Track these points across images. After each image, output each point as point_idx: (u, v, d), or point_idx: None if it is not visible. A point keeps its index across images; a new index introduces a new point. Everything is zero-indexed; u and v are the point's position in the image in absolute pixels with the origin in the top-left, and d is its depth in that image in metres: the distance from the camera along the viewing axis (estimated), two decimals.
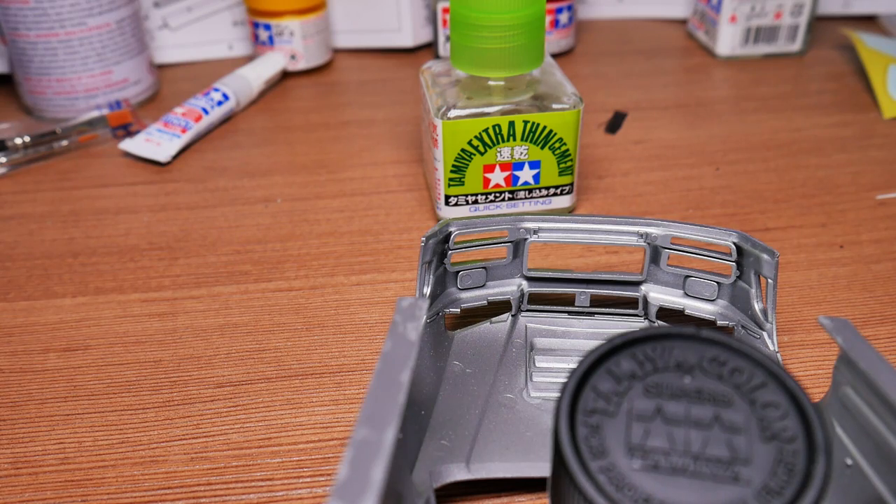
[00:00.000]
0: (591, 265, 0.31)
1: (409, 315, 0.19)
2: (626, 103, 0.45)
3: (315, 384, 0.26)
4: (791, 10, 0.50)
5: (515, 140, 0.31)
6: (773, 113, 0.44)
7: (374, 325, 0.28)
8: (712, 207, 0.35)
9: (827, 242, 0.32)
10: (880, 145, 0.40)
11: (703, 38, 0.53)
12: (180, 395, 0.25)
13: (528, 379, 0.25)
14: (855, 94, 0.46)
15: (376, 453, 0.14)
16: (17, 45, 0.42)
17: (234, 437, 0.24)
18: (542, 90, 0.31)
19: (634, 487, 0.15)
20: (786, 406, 0.16)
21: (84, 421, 0.25)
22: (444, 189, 0.32)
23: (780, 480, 0.15)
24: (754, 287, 0.25)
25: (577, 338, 0.26)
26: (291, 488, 0.22)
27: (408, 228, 0.34)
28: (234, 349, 0.27)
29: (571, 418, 0.16)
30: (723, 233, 0.25)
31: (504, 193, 0.33)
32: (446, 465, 0.21)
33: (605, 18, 0.58)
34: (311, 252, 0.32)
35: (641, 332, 0.17)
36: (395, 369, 0.17)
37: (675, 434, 0.15)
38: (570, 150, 0.32)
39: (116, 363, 0.27)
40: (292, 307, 0.29)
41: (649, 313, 0.27)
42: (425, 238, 0.25)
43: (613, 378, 0.16)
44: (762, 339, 0.25)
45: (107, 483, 0.23)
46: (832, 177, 0.37)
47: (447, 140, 0.31)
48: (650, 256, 0.26)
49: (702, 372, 0.16)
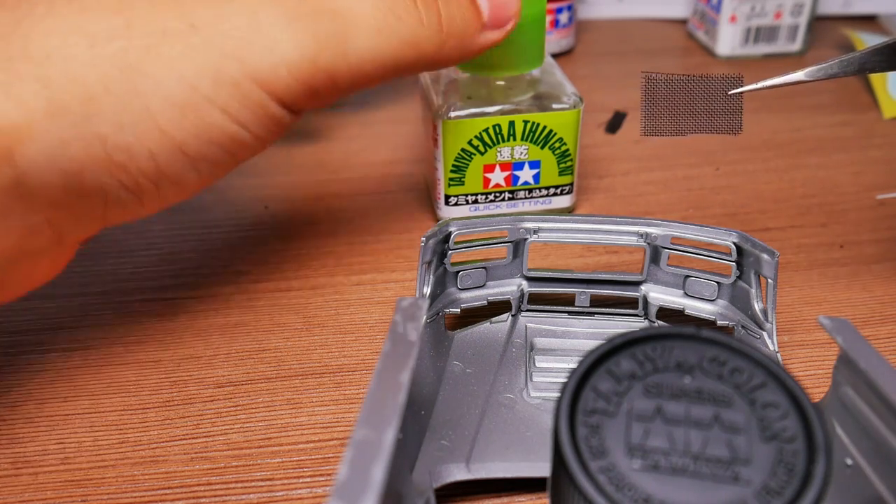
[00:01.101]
0: (591, 265, 0.31)
1: (409, 315, 0.19)
2: (626, 103, 0.45)
3: (315, 384, 0.26)
4: (791, 10, 0.50)
5: (515, 140, 0.31)
6: (773, 113, 0.44)
7: (374, 325, 0.28)
8: (712, 207, 0.35)
9: (827, 242, 0.32)
10: (880, 145, 0.40)
11: (703, 38, 0.53)
12: (180, 395, 0.25)
13: (528, 379, 0.25)
14: (855, 94, 0.46)
15: (376, 453, 0.14)
16: None
17: (234, 437, 0.24)
18: (542, 90, 0.31)
19: (634, 487, 0.15)
20: (786, 406, 0.16)
21: (84, 421, 0.25)
22: (445, 189, 0.32)
23: (780, 480, 0.15)
24: (754, 287, 0.25)
25: (577, 338, 0.26)
26: (291, 488, 0.22)
27: (408, 228, 0.34)
28: (234, 349, 0.27)
29: (571, 418, 0.16)
30: (723, 233, 0.25)
31: (504, 193, 0.33)
32: (446, 465, 0.21)
33: (605, 18, 0.58)
34: (311, 252, 0.32)
35: (641, 332, 0.17)
36: (395, 369, 0.17)
37: (675, 434, 0.15)
38: (571, 149, 0.32)
39: (116, 363, 0.27)
40: (292, 307, 0.29)
41: (649, 313, 0.27)
42: (425, 238, 0.25)
43: (613, 378, 0.16)
44: (762, 339, 0.25)
45: (107, 483, 0.23)
46: (832, 177, 0.37)
47: (447, 140, 0.31)
48: (650, 256, 0.26)
49: (702, 372, 0.16)
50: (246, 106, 0.21)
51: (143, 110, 0.20)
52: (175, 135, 0.21)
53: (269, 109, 0.22)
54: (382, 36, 0.23)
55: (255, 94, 0.21)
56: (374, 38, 0.23)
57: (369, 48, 0.23)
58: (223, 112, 0.21)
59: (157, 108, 0.20)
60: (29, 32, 0.19)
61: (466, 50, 0.26)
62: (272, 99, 0.22)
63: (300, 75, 0.22)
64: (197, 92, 0.20)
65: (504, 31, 0.26)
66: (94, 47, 0.20)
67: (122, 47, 0.20)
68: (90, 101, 0.20)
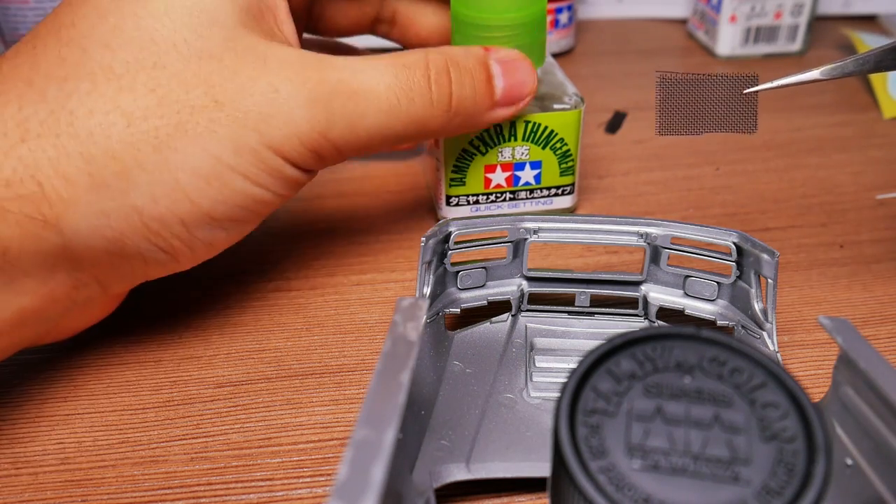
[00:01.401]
0: (591, 265, 0.31)
1: (409, 315, 0.19)
2: (626, 103, 0.45)
3: (315, 384, 0.26)
4: (791, 9, 0.50)
5: (517, 140, 0.31)
6: (773, 113, 0.44)
7: (374, 325, 0.28)
8: (712, 207, 0.35)
9: (827, 242, 0.32)
10: (880, 145, 0.40)
11: (703, 38, 0.53)
12: (180, 395, 0.25)
13: (528, 379, 0.25)
14: (855, 94, 0.46)
15: (376, 453, 0.14)
16: None
17: (234, 437, 0.24)
18: (543, 90, 0.31)
19: (634, 487, 0.15)
20: (786, 406, 0.16)
21: (84, 421, 0.25)
22: (446, 189, 0.32)
23: (780, 480, 0.15)
24: (754, 287, 0.25)
25: (577, 338, 0.26)
26: (291, 488, 0.22)
27: (408, 228, 0.34)
28: (234, 349, 0.27)
29: (571, 418, 0.16)
30: (723, 233, 0.25)
31: (505, 193, 0.33)
32: (446, 465, 0.21)
33: (605, 18, 0.58)
34: (311, 252, 0.32)
35: (641, 332, 0.17)
36: (395, 369, 0.17)
37: (675, 434, 0.15)
38: (572, 150, 0.32)
39: (116, 363, 0.27)
40: (292, 307, 0.29)
41: (649, 313, 0.27)
42: (425, 238, 0.25)
43: (613, 378, 0.16)
44: (762, 339, 0.25)
45: (107, 483, 0.23)
46: (832, 176, 0.37)
47: (448, 140, 0.31)
48: (650, 256, 0.26)
49: (702, 372, 0.16)
50: (264, 170, 0.23)
51: (174, 183, 0.22)
52: (202, 203, 0.23)
53: (285, 172, 0.24)
54: (392, 115, 0.25)
55: (272, 160, 0.23)
56: (384, 117, 0.25)
57: (377, 126, 0.25)
58: (244, 178, 0.23)
59: (186, 180, 0.22)
60: (75, 110, 0.21)
61: (473, 125, 0.28)
62: (288, 163, 0.24)
63: (311, 145, 0.24)
64: (221, 162, 0.23)
65: (516, 108, 0.28)
66: (131, 126, 0.22)
67: (155, 126, 0.22)
68: (127, 177, 0.22)
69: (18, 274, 0.21)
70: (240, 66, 0.23)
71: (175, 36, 0.22)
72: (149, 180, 0.22)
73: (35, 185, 0.21)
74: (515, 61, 0.28)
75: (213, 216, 0.23)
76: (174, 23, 0.22)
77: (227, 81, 0.23)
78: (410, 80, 0.25)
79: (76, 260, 0.22)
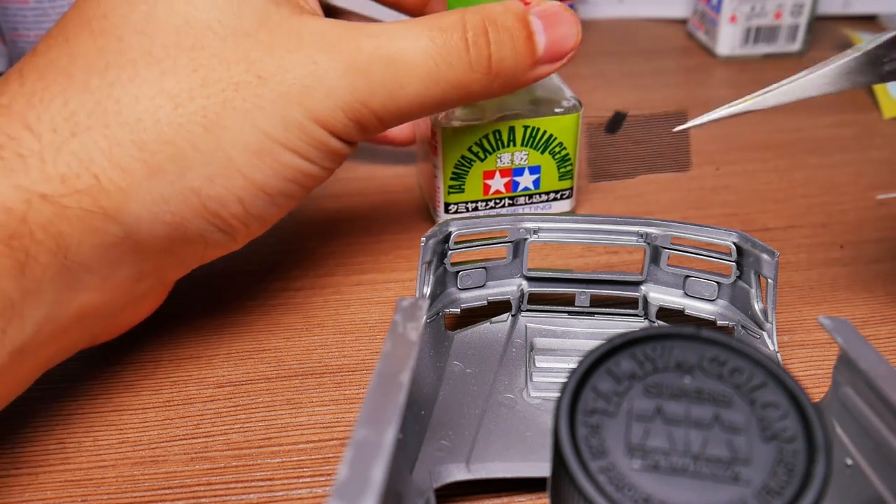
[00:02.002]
0: (591, 265, 0.31)
1: (409, 315, 0.19)
2: (626, 103, 0.45)
3: (315, 384, 0.26)
4: (791, 10, 0.50)
5: (515, 145, 0.31)
6: (773, 113, 0.44)
7: (374, 325, 0.28)
8: (712, 207, 0.35)
9: (827, 242, 0.32)
10: (880, 145, 0.40)
11: (703, 38, 0.53)
12: (180, 395, 0.25)
13: (528, 379, 0.25)
14: (855, 94, 0.46)
15: (376, 453, 0.14)
16: (17, 45, 0.42)
17: (234, 437, 0.24)
18: (540, 95, 0.31)
19: (634, 487, 0.15)
20: (786, 406, 0.16)
21: (84, 421, 0.25)
22: (444, 196, 0.32)
23: (780, 480, 0.15)
24: (754, 287, 0.25)
25: (577, 338, 0.26)
26: (291, 488, 0.22)
27: (408, 228, 0.34)
28: (234, 349, 0.27)
29: (571, 418, 0.16)
30: (723, 233, 0.25)
31: (504, 200, 0.33)
32: (446, 465, 0.21)
33: (605, 18, 0.58)
34: (311, 252, 0.32)
35: (641, 332, 0.17)
36: (395, 369, 0.17)
37: (675, 434, 0.15)
38: (570, 154, 0.32)
39: (116, 363, 0.27)
40: (292, 307, 0.29)
41: (649, 313, 0.27)
42: (425, 238, 0.25)
43: (613, 378, 0.16)
44: (762, 339, 0.25)
45: (107, 483, 0.23)
46: (832, 177, 0.37)
47: (447, 147, 0.31)
48: (650, 256, 0.26)
49: (702, 372, 0.16)
50: (311, 144, 0.23)
51: (227, 161, 0.22)
52: (256, 178, 0.23)
53: (331, 144, 0.24)
54: (431, 81, 0.24)
55: (318, 133, 0.23)
56: (424, 84, 0.24)
57: (417, 93, 0.24)
58: (293, 152, 0.23)
59: (238, 157, 0.22)
60: (121, 98, 0.21)
61: (514, 86, 0.27)
62: (332, 136, 0.24)
63: (354, 115, 0.24)
64: (270, 138, 0.23)
65: (559, 64, 0.27)
66: (178, 108, 0.22)
67: (202, 105, 0.22)
68: (181, 159, 0.22)
69: (81, 271, 0.21)
70: (276, 42, 0.23)
71: (208, 16, 0.22)
72: (203, 160, 0.22)
73: (91, 178, 0.21)
74: (557, 14, 0.26)
75: (266, 191, 0.23)
76: (206, 4, 0.22)
77: (266, 56, 0.22)
78: (447, 43, 0.24)
79: (139, 250, 0.22)
